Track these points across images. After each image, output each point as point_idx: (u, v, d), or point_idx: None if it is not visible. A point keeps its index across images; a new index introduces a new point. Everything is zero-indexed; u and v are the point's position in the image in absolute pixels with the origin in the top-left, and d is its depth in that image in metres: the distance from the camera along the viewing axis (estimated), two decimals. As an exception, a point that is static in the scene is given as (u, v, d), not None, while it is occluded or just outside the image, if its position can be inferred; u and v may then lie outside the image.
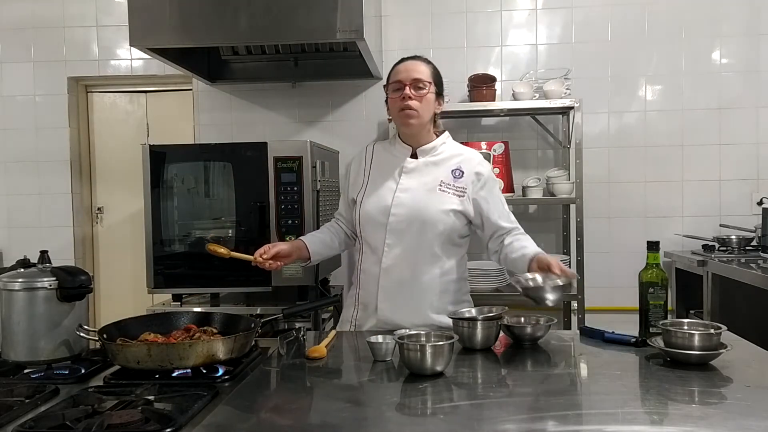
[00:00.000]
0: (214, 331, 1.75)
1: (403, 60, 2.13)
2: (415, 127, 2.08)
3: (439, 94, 2.11)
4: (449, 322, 2.03)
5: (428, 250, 2.04)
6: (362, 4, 2.82)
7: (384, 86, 2.16)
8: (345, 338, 1.99)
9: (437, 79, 2.11)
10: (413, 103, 2.03)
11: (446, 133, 2.18)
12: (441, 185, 2.06)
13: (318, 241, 2.19)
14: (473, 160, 2.12)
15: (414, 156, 2.13)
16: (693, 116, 3.69)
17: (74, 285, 1.66)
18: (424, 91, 2.05)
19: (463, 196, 2.06)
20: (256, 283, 2.92)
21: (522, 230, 2.12)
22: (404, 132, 2.13)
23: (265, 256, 2.01)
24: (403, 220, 2.04)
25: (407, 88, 2.04)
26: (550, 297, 1.79)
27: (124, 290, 4.02)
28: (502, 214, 2.11)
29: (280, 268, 2.09)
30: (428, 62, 2.12)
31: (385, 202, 2.07)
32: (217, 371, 1.56)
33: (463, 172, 2.09)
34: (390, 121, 2.18)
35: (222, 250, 2.04)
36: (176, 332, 1.72)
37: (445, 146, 2.14)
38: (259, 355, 1.73)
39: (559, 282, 1.81)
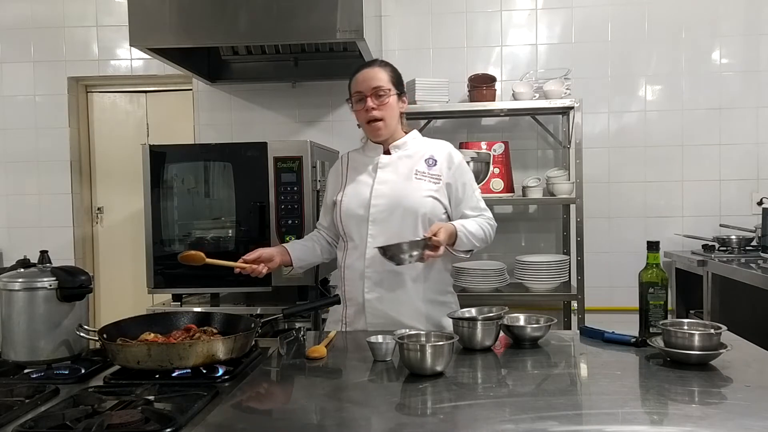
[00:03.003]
0: (214, 331, 1.75)
1: (360, 68, 2.14)
2: (384, 136, 2.14)
3: (401, 94, 2.15)
4: (438, 314, 2.08)
5: (411, 237, 2.04)
6: (362, 4, 2.82)
7: (346, 99, 2.19)
8: (345, 338, 1.99)
9: (397, 80, 2.14)
10: (377, 113, 2.08)
11: (415, 130, 2.24)
12: (416, 173, 2.11)
13: (300, 247, 2.23)
14: (445, 150, 2.18)
15: (387, 153, 2.17)
16: (693, 116, 3.69)
17: (74, 285, 1.66)
18: (386, 98, 2.08)
19: (438, 183, 2.11)
20: (256, 283, 2.91)
21: (486, 216, 2.17)
22: (374, 140, 2.19)
23: (248, 259, 2.04)
24: (384, 210, 2.08)
25: (369, 99, 2.07)
26: (406, 257, 1.91)
27: (124, 290, 4.02)
28: (470, 203, 2.15)
29: (263, 274, 2.09)
30: (385, 65, 2.14)
31: (364, 196, 2.12)
32: (217, 371, 1.56)
33: (436, 161, 2.14)
34: (359, 126, 2.21)
35: (195, 255, 2.01)
36: (176, 332, 1.72)
37: (416, 141, 2.20)
38: (259, 355, 1.73)
39: (420, 243, 1.92)
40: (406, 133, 2.21)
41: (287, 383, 1.59)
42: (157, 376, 1.51)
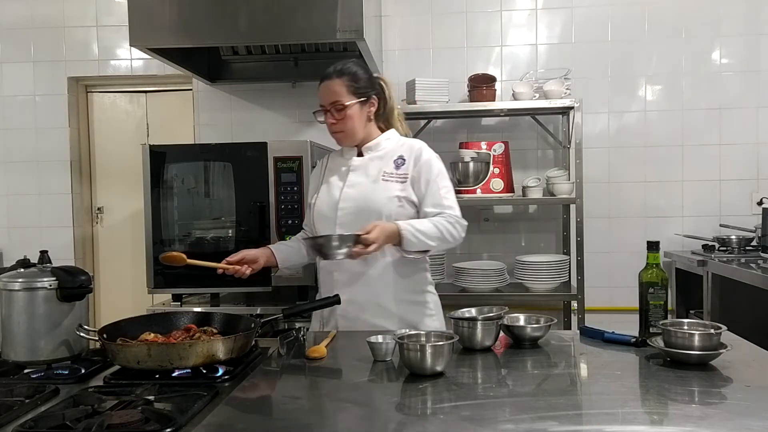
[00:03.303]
0: (214, 331, 1.75)
1: (321, 80, 2.12)
2: (350, 143, 2.15)
3: (366, 98, 2.11)
4: (412, 314, 2.07)
5: None
6: (362, 4, 2.82)
7: (314, 112, 2.19)
8: (345, 338, 1.99)
9: (358, 87, 2.09)
10: (338, 126, 2.10)
11: (392, 130, 2.22)
12: (384, 175, 2.11)
13: (285, 248, 2.24)
14: (414, 147, 2.15)
15: (361, 155, 2.18)
16: (693, 116, 3.69)
17: (74, 285, 1.66)
18: (344, 111, 2.07)
19: (405, 182, 2.10)
20: (256, 283, 2.92)
21: (449, 213, 2.07)
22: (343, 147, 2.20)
23: (231, 260, 2.04)
24: (350, 212, 2.08)
25: (328, 113, 2.09)
26: (333, 251, 1.88)
27: (124, 290, 4.02)
28: (431, 200, 2.09)
29: (246, 275, 2.09)
30: (342, 74, 2.09)
31: (334, 198, 2.13)
32: (217, 371, 1.56)
33: (404, 160, 2.12)
34: None
35: (177, 256, 2.00)
36: (176, 332, 1.72)
37: (390, 141, 2.18)
38: (259, 355, 1.73)
39: (350, 238, 1.88)
40: (384, 130, 2.20)
41: (287, 383, 1.59)
42: (157, 376, 1.51)
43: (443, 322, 2.22)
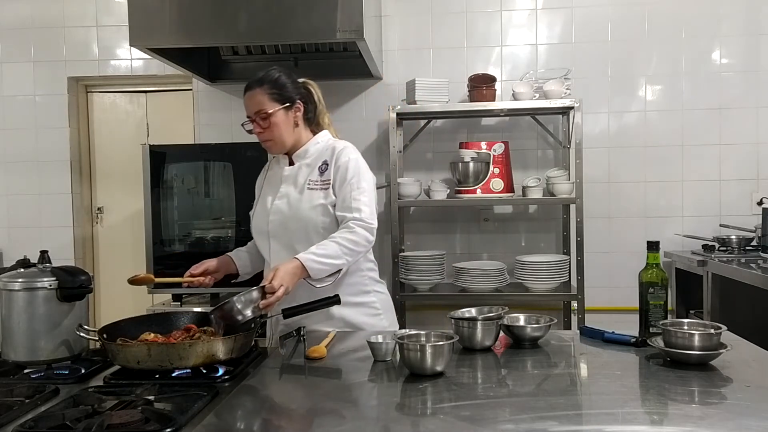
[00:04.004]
0: (214, 331, 1.75)
1: (245, 90, 2.08)
2: (280, 151, 2.12)
3: (290, 104, 2.06)
4: (355, 315, 2.06)
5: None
6: (362, 4, 2.82)
7: (242, 124, 2.15)
8: (345, 338, 1.99)
9: (281, 94, 2.05)
10: (265, 135, 2.06)
11: (323, 132, 2.17)
12: (309, 183, 2.08)
13: (244, 255, 2.23)
14: (336, 149, 2.09)
15: (292, 163, 2.14)
16: (693, 116, 3.69)
17: (74, 285, 1.66)
18: (268, 120, 2.04)
19: (327, 188, 2.06)
20: (257, 283, 2.91)
21: (352, 219, 1.97)
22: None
23: (194, 273, 2.04)
24: (279, 225, 2.07)
25: (255, 123, 2.06)
26: (242, 314, 1.72)
27: (124, 290, 4.00)
28: (343, 204, 2.02)
29: (210, 285, 2.10)
30: (262, 83, 2.04)
31: (266, 210, 2.12)
32: (217, 371, 1.56)
33: (327, 165, 2.08)
34: None
35: (145, 277, 2.00)
36: (176, 332, 1.73)
37: (318, 146, 2.13)
38: (259, 355, 1.73)
39: (253, 295, 1.75)
40: (316, 133, 2.15)
41: (287, 383, 1.60)
42: (157, 376, 1.51)
43: (393, 320, 2.22)
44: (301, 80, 2.16)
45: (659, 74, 3.71)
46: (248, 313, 1.74)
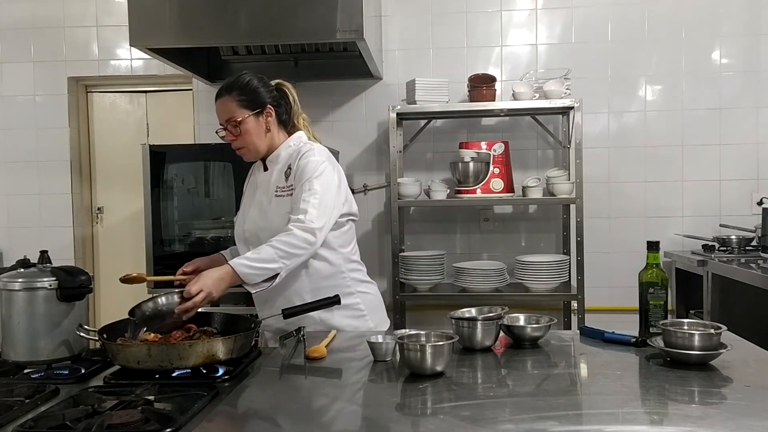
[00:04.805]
0: (214, 331, 1.75)
1: (215, 98, 2.06)
2: (254, 157, 2.09)
3: (261, 109, 2.02)
4: (334, 317, 2.03)
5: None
6: (362, 4, 2.83)
7: (216, 131, 2.11)
8: (345, 338, 1.99)
9: (250, 99, 2.01)
10: (237, 142, 2.03)
11: (296, 134, 2.11)
12: (277, 190, 2.04)
13: (237, 253, 2.17)
14: (300, 152, 2.04)
15: (267, 168, 2.11)
16: (693, 116, 3.69)
17: (74, 285, 1.66)
18: (239, 128, 2.00)
19: (292, 194, 2.01)
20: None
21: (296, 222, 1.90)
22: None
23: (186, 270, 2.00)
24: (252, 234, 2.05)
25: (226, 131, 2.03)
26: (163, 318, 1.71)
27: (124, 290, 4.00)
28: (294, 206, 1.96)
29: None
30: (231, 90, 2.01)
31: (243, 219, 2.11)
32: (217, 371, 1.56)
33: (291, 169, 2.04)
34: None
35: (137, 276, 1.97)
36: (176, 332, 1.72)
37: (290, 149, 2.08)
38: (259, 355, 1.73)
39: (174, 299, 1.74)
40: (290, 135, 2.10)
41: (287, 383, 1.59)
42: (157, 376, 1.51)
43: (382, 320, 2.17)
44: (274, 82, 2.11)
45: (659, 74, 3.71)
46: (167, 321, 1.73)
